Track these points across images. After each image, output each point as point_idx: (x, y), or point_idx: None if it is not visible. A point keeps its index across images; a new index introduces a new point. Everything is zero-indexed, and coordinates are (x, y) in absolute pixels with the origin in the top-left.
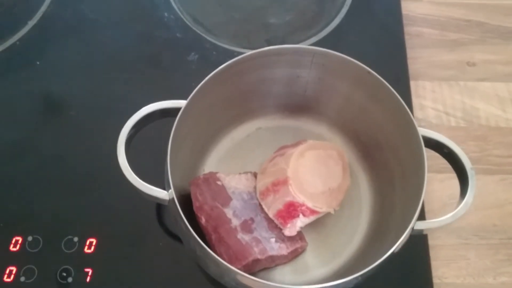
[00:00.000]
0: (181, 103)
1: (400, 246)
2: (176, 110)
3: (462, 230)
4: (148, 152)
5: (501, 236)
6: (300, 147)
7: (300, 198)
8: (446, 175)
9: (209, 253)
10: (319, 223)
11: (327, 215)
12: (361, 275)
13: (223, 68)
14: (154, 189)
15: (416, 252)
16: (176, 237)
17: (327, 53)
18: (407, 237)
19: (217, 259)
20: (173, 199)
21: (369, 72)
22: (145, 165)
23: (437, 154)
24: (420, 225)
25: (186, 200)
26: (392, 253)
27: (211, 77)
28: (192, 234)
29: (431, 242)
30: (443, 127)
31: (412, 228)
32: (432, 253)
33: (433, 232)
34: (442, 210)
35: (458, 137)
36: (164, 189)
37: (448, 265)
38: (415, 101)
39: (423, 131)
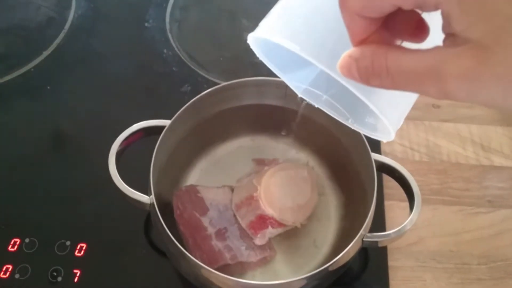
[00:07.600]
0: (166, 122)
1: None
2: (161, 128)
3: (420, 254)
4: (143, 167)
5: (456, 261)
6: (273, 169)
7: (269, 211)
8: (407, 203)
9: (179, 248)
10: (291, 234)
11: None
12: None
13: (203, 95)
14: (137, 194)
15: (376, 271)
16: (158, 249)
17: None
18: (357, 247)
19: (185, 253)
20: (153, 203)
21: None
22: (140, 179)
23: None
24: (369, 237)
25: (170, 209)
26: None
27: (193, 101)
28: (166, 232)
29: (391, 263)
30: (407, 160)
31: (362, 240)
32: (391, 273)
33: (393, 254)
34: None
35: (421, 170)
36: None
37: (405, 284)
38: None
39: (376, 156)
